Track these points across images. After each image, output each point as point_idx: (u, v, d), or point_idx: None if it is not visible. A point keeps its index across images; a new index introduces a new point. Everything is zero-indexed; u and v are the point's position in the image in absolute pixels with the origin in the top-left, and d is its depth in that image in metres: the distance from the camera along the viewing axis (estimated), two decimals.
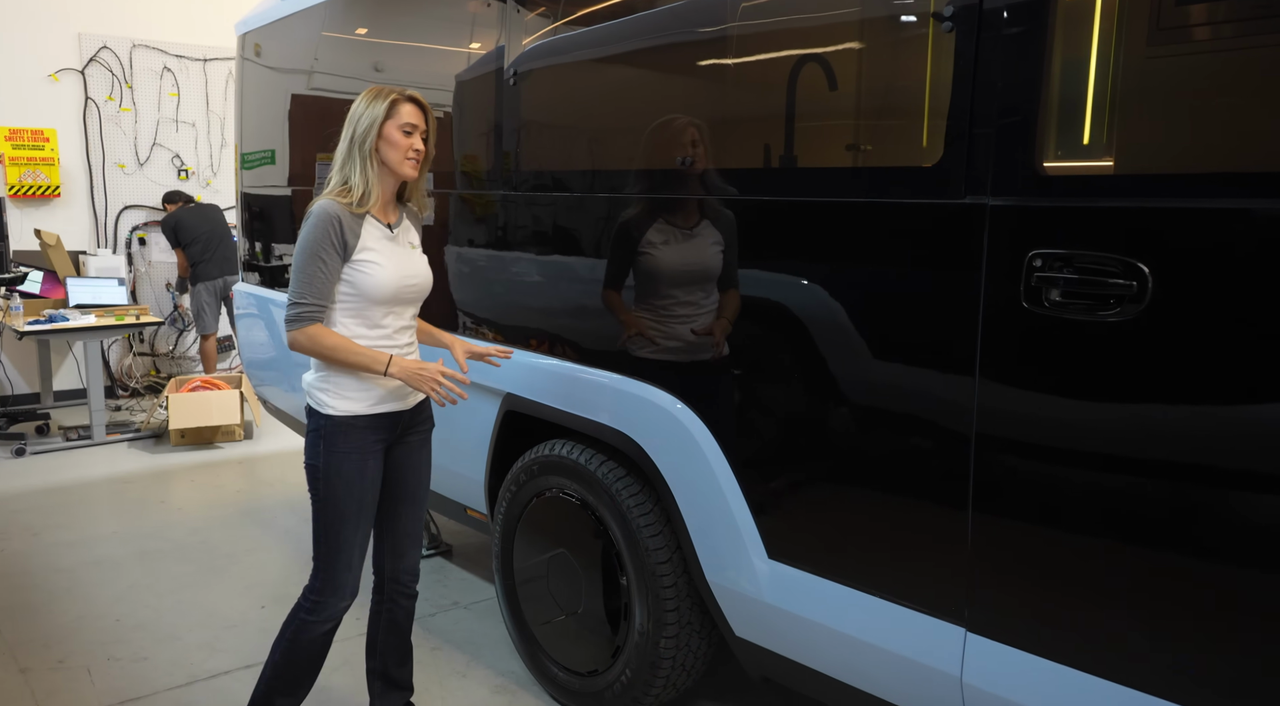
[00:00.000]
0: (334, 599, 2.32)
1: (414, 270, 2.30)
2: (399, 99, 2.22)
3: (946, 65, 1.77)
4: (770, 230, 2.13)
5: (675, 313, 2.34)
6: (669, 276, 2.36)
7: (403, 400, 2.31)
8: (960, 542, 1.80)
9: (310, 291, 2.17)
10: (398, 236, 2.30)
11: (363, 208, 2.21)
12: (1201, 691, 1.52)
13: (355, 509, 2.26)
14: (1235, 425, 1.46)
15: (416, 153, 2.23)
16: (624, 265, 2.46)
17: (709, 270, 2.27)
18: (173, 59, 7.18)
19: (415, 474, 2.43)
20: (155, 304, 7.29)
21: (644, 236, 2.39)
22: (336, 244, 2.17)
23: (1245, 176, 1.47)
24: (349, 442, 2.23)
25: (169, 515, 4.57)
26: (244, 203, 4.69)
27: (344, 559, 2.29)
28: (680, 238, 2.34)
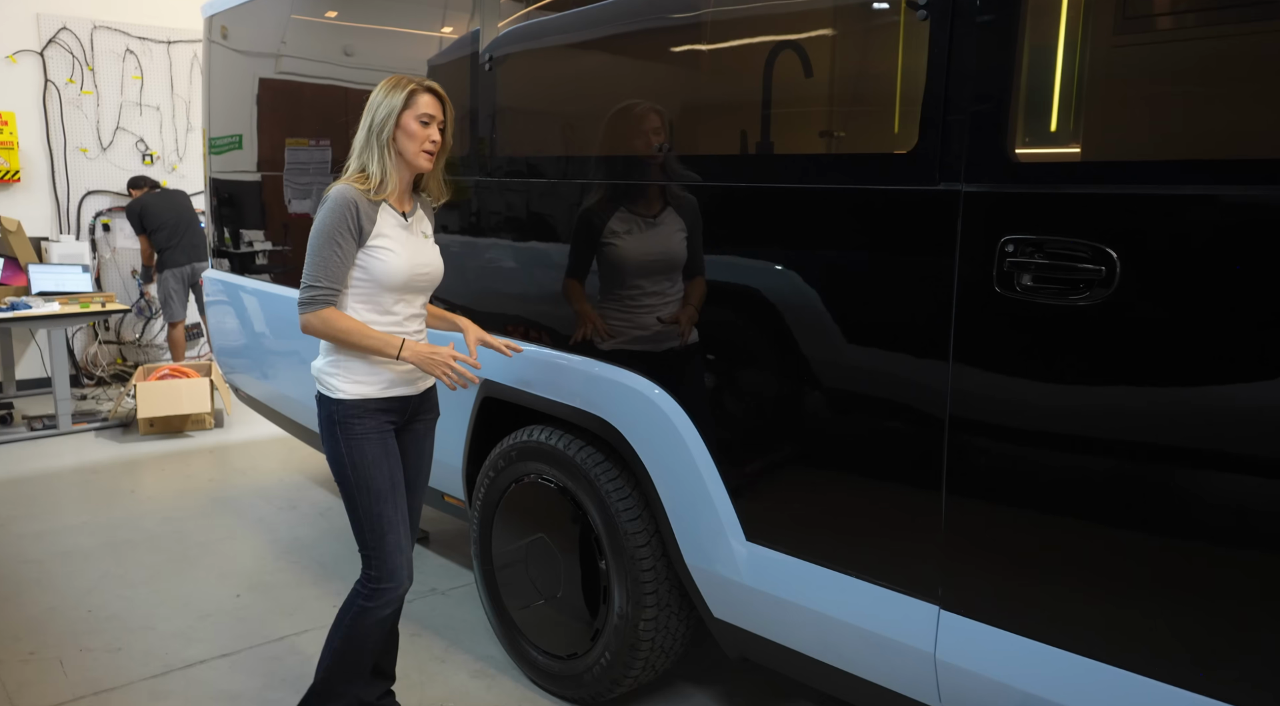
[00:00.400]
0: (392, 584, 2.28)
1: (426, 259, 2.30)
2: (418, 89, 2.22)
3: (921, 53, 1.79)
4: (747, 216, 2.15)
5: (649, 300, 2.36)
6: (643, 265, 2.37)
7: (412, 385, 2.32)
8: (934, 523, 1.84)
9: (325, 275, 2.18)
10: (412, 225, 2.30)
11: (380, 195, 2.22)
12: (1168, 663, 1.57)
13: (389, 486, 2.26)
14: (1201, 406, 1.50)
15: (433, 144, 2.23)
16: (590, 254, 2.48)
17: (685, 257, 2.28)
18: (135, 41, 7.04)
19: (417, 462, 2.43)
20: (121, 291, 7.18)
21: (607, 225, 2.40)
22: (353, 229, 2.18)
23: (1209, 163, 1.51)
24: (365, 425, 2.24)
25: (139, 505, 4.52)
26: (213, 188, 4.63)
27: (392, 540, 2.27)
28: (651, 225, 2.35)
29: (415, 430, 2.41)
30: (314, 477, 4.93)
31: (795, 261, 2.04)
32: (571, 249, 2.55)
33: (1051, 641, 1.70)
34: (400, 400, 2.31)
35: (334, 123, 3.64)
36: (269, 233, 4.19)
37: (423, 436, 2.44)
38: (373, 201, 2.21)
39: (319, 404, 2.30)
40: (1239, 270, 1.45)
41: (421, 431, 2.43)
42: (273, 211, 4.14)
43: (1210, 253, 1.48)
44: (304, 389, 3.88)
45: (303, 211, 3.86)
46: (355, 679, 2.40)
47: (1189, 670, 1.55)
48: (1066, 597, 1.68)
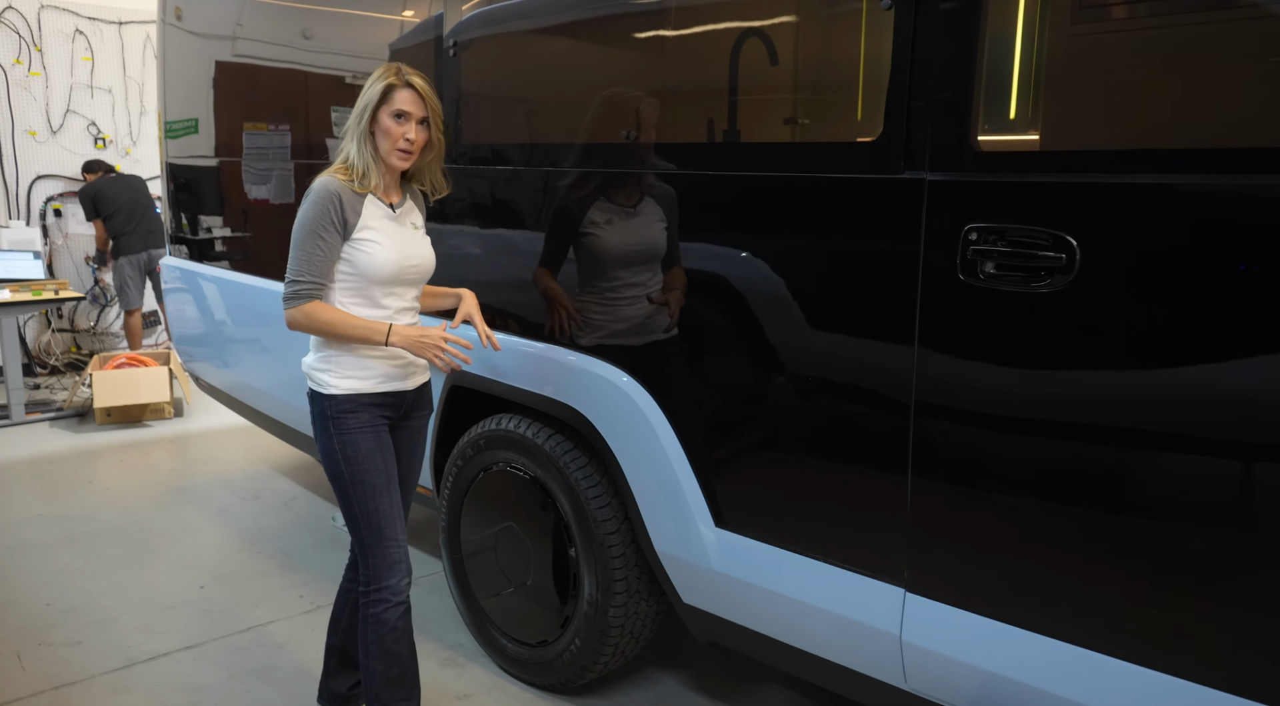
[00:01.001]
0: (394, 579, 2.23)
1: (416, 251, 2.24)
2: (396, 84, 2.13)
3: (885, 42, 1.80)
4: (714, 204, 2.16)
5: (621, 289, 2.36)
6: (614, 254, 2.37)
7: (405, 379, 2.27)
8: (900, 506, 1.87)
9: (309, 269, 2.12)
10: (400, 216, 2.23)
11: (363, 187, 2.15)
12: (1129, 642, 1.61)
13: (384, 481, 2.22)
14: (1158, 390, 1.54)
15: (408, 143, 2.14)
16: (564, 244, 2.46)
17: (653, 246, 2.28)
18: (85, 21, 6.86)
19: (410, 460, 2.40)
20: (75, 278, 7.03)
21: (586, 214, 2.39)
22: (336, 222, 2.12)
23: (1164, 152, 1.54)
24: (358, 419, 2.19)
25: (98, 496, 4.44)
26: (169, 173, 4.54)
27: (389, 534, 2.23)
28: (624, 215, 2.35)
29: (408, 427, 2.36)
30: (277, 467, 4.88)
31: (763, 249, 2.05)
32: (547, 237, 2.53)
33: (1014, 622, 1.74)
34: (394, 395, 2.25)
35: (293, 107, 3.58)
36: (228, 219, 4.12)
37: (416, 433, 2.39)
38: (357, 193, 2.15)
39: (311, 401, 2.24)
40: (1196, 258, 1.49)
41: (415, 428, 2.38)
42: (231, 197, 4.06)
43: (1167, 241, 1.51)
44: (267, 377, 3.83)
45: (262, 197, 3.80)
46: (408, 691, 2.30)
47: (1149, 648, 1.59)
48: (1029, 579, 1.72)
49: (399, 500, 2.27)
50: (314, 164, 3.42)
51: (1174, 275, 1.51)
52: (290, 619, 3.22)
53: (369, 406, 2.21)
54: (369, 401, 2.21)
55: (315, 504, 4.34)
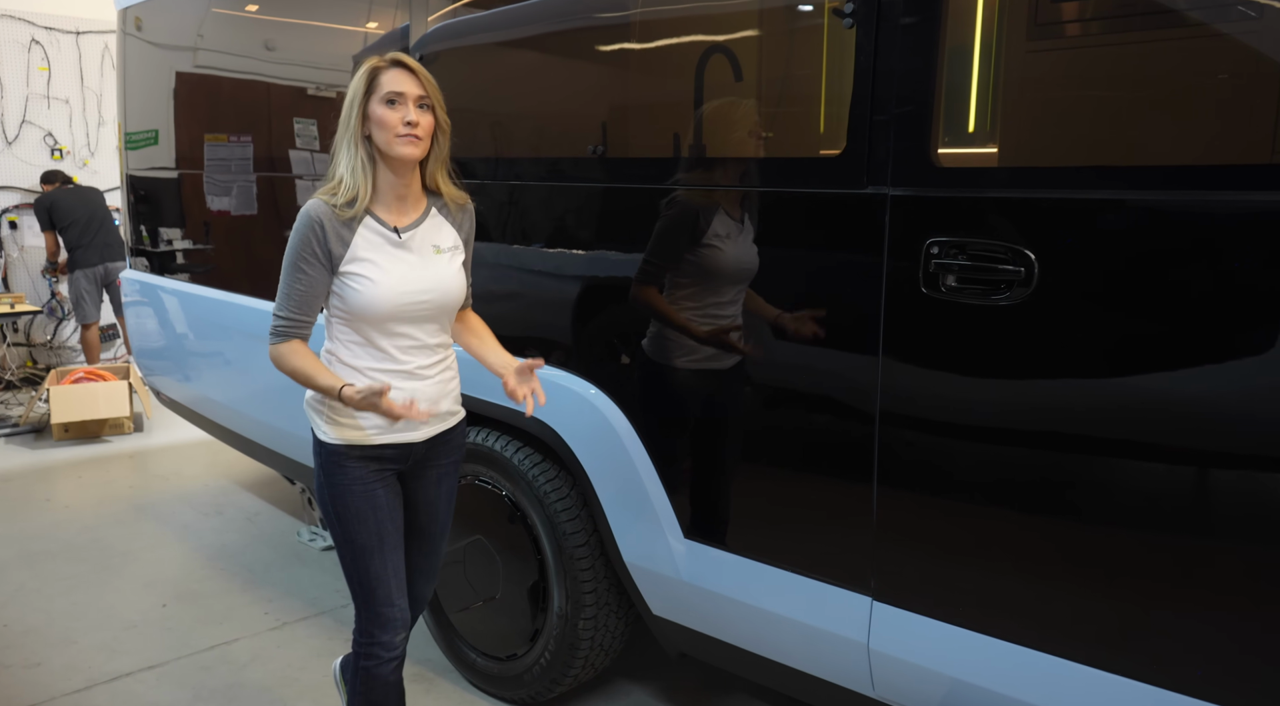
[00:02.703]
0: (387, 636, 2.04)
1: (426, 284, 1.93)
2: (379, 67, 1.87)
3: (847, 59, 1.84)
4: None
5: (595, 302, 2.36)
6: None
7: (412, 430, 1.98)
8: (865, 516, 1.89)
9: (288, 304, 1.89)
10: (410, 240, 1.93)
11: (350, 211, 1.87)
12: (1094, 648, 1.65)
13: (376, 542, 1.99)
14: (1115, 399, 1.57)
15: (410, 127, 1.84)
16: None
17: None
18: (41, 31, 6.75)
19: (429, 508, 2.13)
20: (32, 291, 6.89)
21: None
22: (319, 253, 1.86)
23: (1118, 169, 1.59)
24: (348, 475, 1.95)
25: (56, 514, 4.35)
26: (129, 185, 4.48)
27: (382, 594, 2.02)
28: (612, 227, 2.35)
29: (425, 477, 2.09)
30: (240, 482, 4.82)
31: None
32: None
33: (980, 629, 1.77)
34: (396, 447, 1.99)
35: (256, 118, 3.55)
36: (189, 231, 4.07)
37: (434, 484, 2.11)
38: (343, 215, 1.88)
39: (313, 439, 2.04)
40: (1149, 271, 1.53)
41: (434, 479, 2.10)
42: (193, 209, 4.02)
43: (1121, 255, 1.55)
44: (230, 390, 3.78)
45: (224, 209, 3.76)
46: None
47: (1113, 653, 1.62)
48: (994, 586, 1.75)
49: (396, 560, 2.04)
50: (276, 176, 3.39)
51: (1128, 288, 1.55)
52: (255, 636, 3.17)
53: (362, 460, 1.96)
54: (363, 454, 1.96)
55: (279, 519, 4.29)
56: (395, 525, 2.04)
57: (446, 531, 2.22)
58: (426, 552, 2.20)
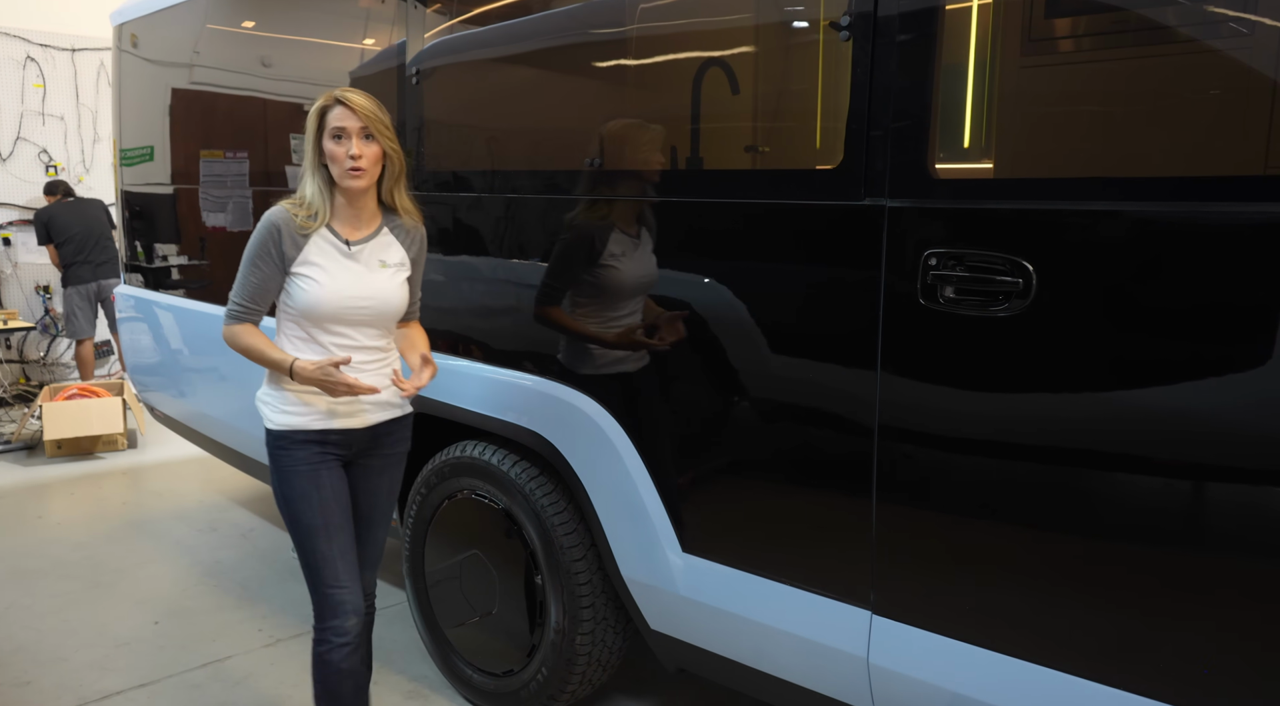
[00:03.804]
0: (337, 620, 2.16)
1: (367, 292, 2.12)
2: (327, 105, 2.06)
3: (844, 72, 1.84)
4: (679, 231, 2.18)
5: (598, 316, 2.35)
6: (614, 284, 2.33)
7: (352, 417, 2.17)
8: (864, 530, 1.88)
9: (243, 294, 2.12)
10: (359, 253, 2.14)
11: (312, 223, 2.09)
12: (1095, 662, 1.64)
13: (321, 522, 2.14)
14: (1113, 410, 1.57)
15: (354, 160, 2.04)
16: (570, 276, 2.37)
17: (628, 272, 2.29)
18: (36, 48, 6.77)
19: (369, 497, 2.28)
20: (25, 307, 6.87)
21: (608, 246, 2.29)
22: (274, 253, 2.08)
23: (1114, 181, 1.59)
24: (293, 457, 2.14)
25: (48, 531, 4.32)
26: (125, 201, 4.47)
27: (329, 574, 2.15)
28: (628, 245, 2.32)
29: (368, 466, 2.26)
30: (235, 498, 4.79)
31: (727, 275, 2.07)
32: (550, 271, 2.43)
33: (980, 643, 1.76)
34: (339, 433, 2.17)
35: (251, 134, 3.55)
36: (185, 247, 4.07)
37: (377, 472, 2.28)
38: (302, 226, 2.09)
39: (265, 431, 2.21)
40: (1146, 282, 1.53)
41: (377, 468, 2.27)
42: (188, 225, 4.02)
43: (1117, 265, 1.56)
44: (224, 406, 3.77)
45: (219, 225, 3.75)
46: None
47: (1116, 668, 1.62)
48: (994, 600, 1.74)
49: (343, 541, 2.17)
50: (272, 191, 3.39)
51: (1126, 299, 1.55)
52: (249, 653, 3.15)
53: (307, 443, 2.14)
54: (306, 438, 2.14)
55: (274, 535, 4.26)
56: (341, 507, 2.18)
57: (387, 522, 2.35)
58: (367, 541, 2.31)
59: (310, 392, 2.13)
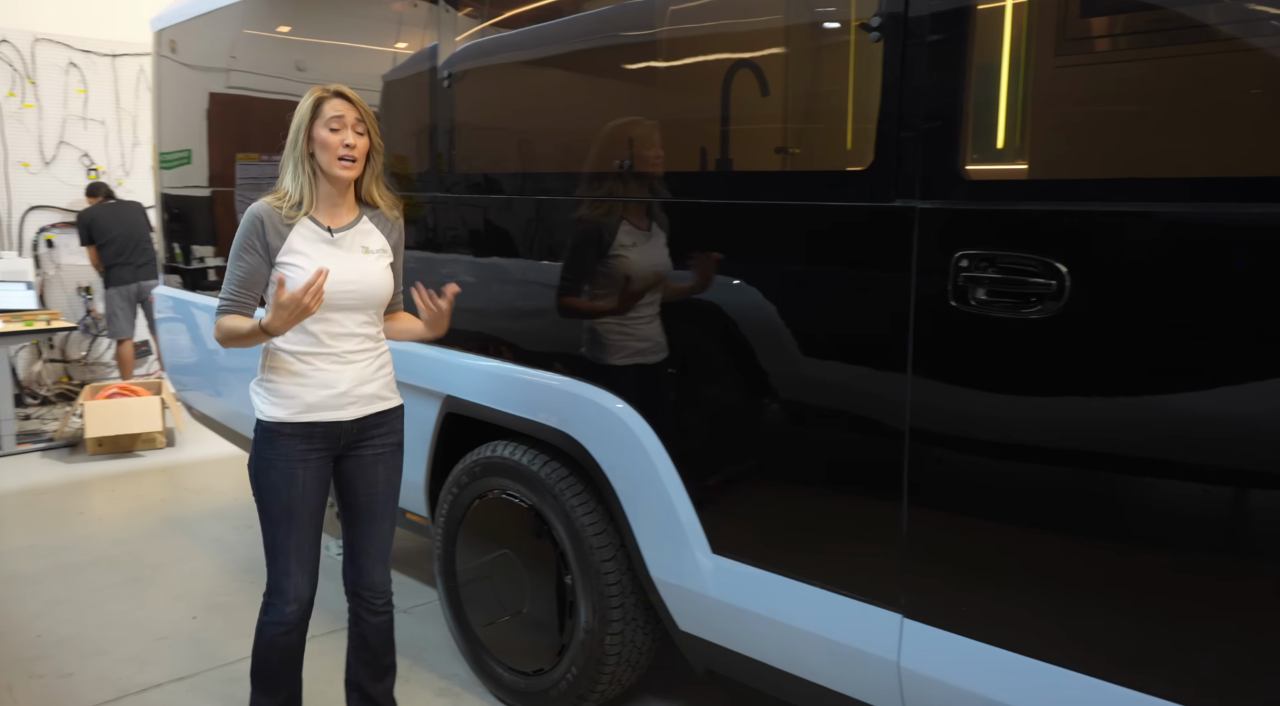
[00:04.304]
0: (279, 602, 2.29)
1: (353, 275, 2.20)
2: (324, 96, 2.16)
3: (875, 73, 1.84)
4: (708, 233, 2.18)
5: (630, 314, 2.35)
6: (631, 280, 2.36)
7: (337, 410, 2.23)
8: (896, 533, 1.88)
9: (231, 286, 2.19)
10: (343, 240, 2.23)
11: (294, 214, 2.17)
12: (1130, 668, 1.62)
13: (284, 516, 2.23)
14: (1149, 414, 1.55)
15: (348, 149, 2.15)
16: (590, 270, 2.41)
17: (656, 273, 2.30)
18: (79, 54, 6.91)
19: (367, 489, 2.34)
20: (67, 308, 7.02)
21: (616, 240, 2.34)
22: (258, 245, 2.16)
23: (1149, 181, 1.57)
24: (274, 450, 2.20)
25: (89, 526, 4.41)
26: (164, 203, 4.56)
27: (280, 564, 2.27)
28: (643, 240, 2.34)
29: (361, 456, 2.31)
30: None
31: (756, 277, 2.07)
32: (568, 264, 2.48)
33: (1013, 647, 1.74)
34: (323, 426, 2.22)
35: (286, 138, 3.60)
36: (221, 248, 4.13)
37: (370, 463, 2.32)
38: (286, 217, 2.17)
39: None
40: (1183, 284, 1.51)
41: (369, 458, 2.32)
42: (224, 227, 4.08)
43: (1154, 267, 1.54)
44: None
45: None
46: (270, 693, 2.39)
47: (1150, 674, 1.60)
48: (1026, 604, 1.72)
49: (301, 537, 2.25)
50: None
51: (1162, 301, 1.53)
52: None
53: (291, 437, 2.20)
54: (292, 431, 2.20)
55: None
56: (309, 507, 2.25)
57: (388, 514, 2.39)
58: (372, 534, 2.37)
59: (295, 385, 2.18)
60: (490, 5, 2.69)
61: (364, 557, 2.38)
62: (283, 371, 2.20)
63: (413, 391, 2.94)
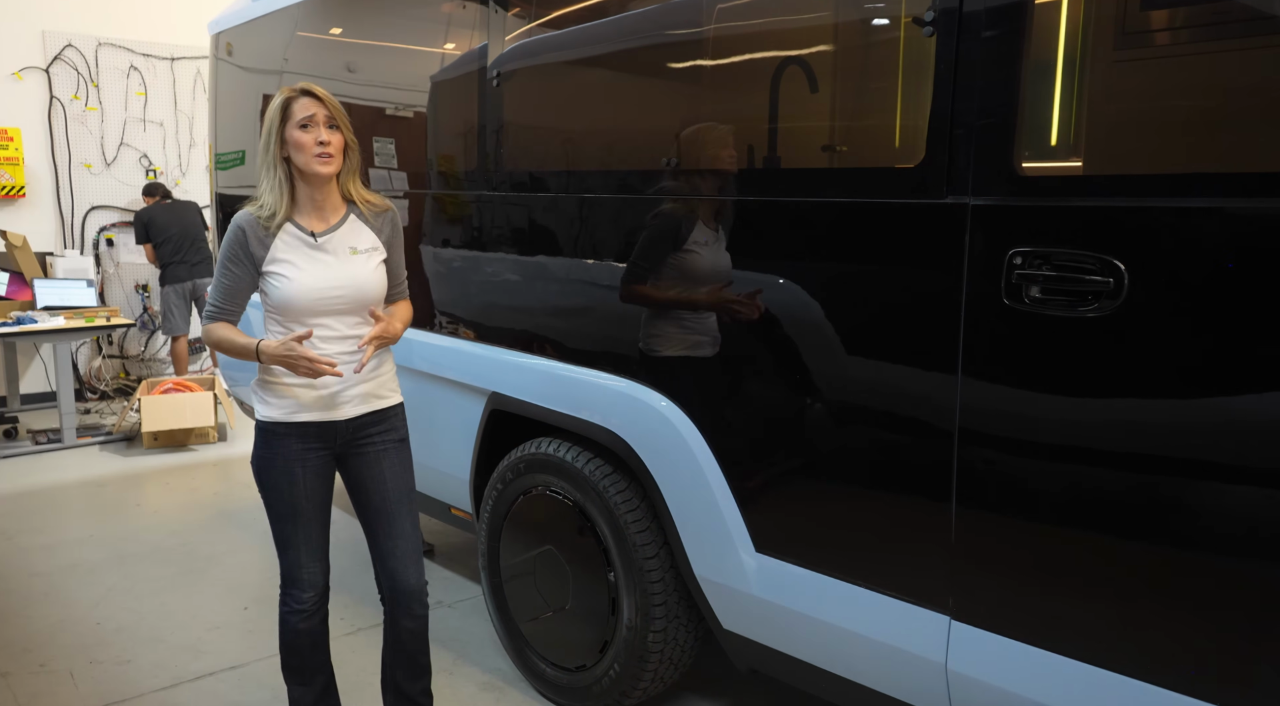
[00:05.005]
0: (295, 590, 2.31)
1: (341, 280, 2.16)
2: (291, 96, 2.13)
3: (927, 68, 1.82)
4: (757, 230, 2.17)
5: (680, 312, 2.35)
6: (694, 276, 2.33)
7: (330, 410, 2.21)
8: (944, 534, 1.85)
9: (217, 296, 2.20)
10: (326, 243, 2.17)
11: (271, 222, 2.14)
12: (1179, 672, 1.58)
13: (290, 512, 2.24)
14: (1210, 417, 1.51)
15: (323, 146, 2.10)
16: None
17: (710, 270, 2.29)
18: (139, 58, 7.09)
19: (378, 487, 2.30)
20: (125, 305, 7.20)
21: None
22: (243, 256, 2.15)
23: (1212, 176, 1.53)
24: (271, 449, 2.22)
25: (145, 518, 4.53)
26: (219, 203, 4.66)
27: (292, 556, 2.29)
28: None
29: (365, 454, 2.28)
30: None
31: (805, 275, 2.06)
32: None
33: (1062, 651, 1.71)
34: (317, 426, 2.21)
35: None
36: None
37: (374, 461, 2.28)
38: (264, 225, 2.14)
39: None
40: (1246, 282, 1.47)
41: (373, 455, 2.28)
42: None
43: (1217, 264, 1.50)
44: None
45: None
46: (300, 682, 2.41)
47: (1199, 678, 1.56)
48: (1076, 607, 1.69)
49: (308, 530, 2.26)
50: None
51: (1225, 299, 1.49)
52: (332, 641, 3.23)
53: (286, 436, 2.20)
54: (286, 431, 2.20)
55: (355, 527, 4.37)
56: (312, 503, 2.26)
57: (406, 510, 2.34)
58: (394, 534, 2.32)
59: (288, 386, 2.19)
60: (539, 6, 2.71)
61: (393, 560, 2.33)
62: (276, 372, 2.19)
63: (458, 388, 2.97)
